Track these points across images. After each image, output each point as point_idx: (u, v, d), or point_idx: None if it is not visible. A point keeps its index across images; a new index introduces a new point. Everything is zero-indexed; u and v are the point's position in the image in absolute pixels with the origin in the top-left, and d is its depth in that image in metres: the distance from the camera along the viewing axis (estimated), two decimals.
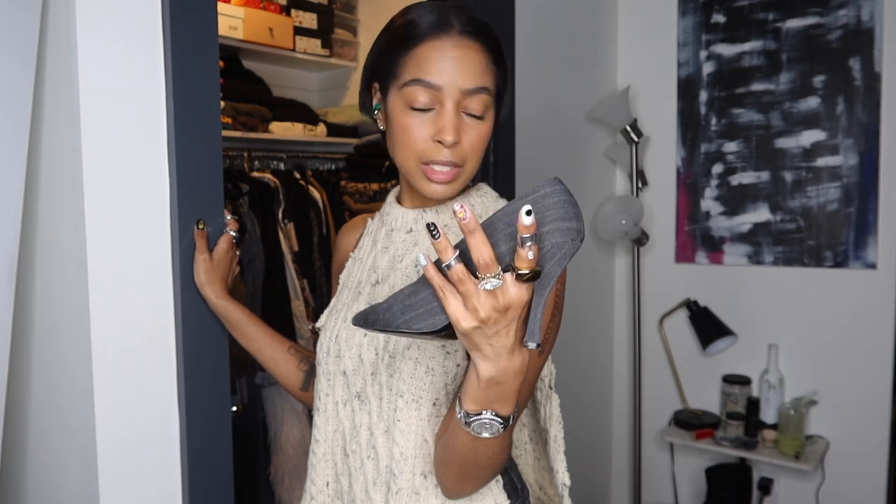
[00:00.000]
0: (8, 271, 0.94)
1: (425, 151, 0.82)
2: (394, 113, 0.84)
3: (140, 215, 0.99)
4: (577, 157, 2.27)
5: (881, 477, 2.12)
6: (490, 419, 0.68)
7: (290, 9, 2.57)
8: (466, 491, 0.81)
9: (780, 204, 2.23)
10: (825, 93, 2.13)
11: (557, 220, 0.63)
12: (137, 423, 0.99)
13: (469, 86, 0.81)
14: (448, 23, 0.81)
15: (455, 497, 0.82)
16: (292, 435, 2.06)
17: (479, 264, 0.60)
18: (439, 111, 0.81)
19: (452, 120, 0.80)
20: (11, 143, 0.91)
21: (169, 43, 0.99)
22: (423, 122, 0.82)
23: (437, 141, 0.81)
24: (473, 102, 0.82)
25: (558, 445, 0.96)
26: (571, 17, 2.20)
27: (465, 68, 0.80)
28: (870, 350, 2.11)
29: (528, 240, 0.59)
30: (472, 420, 0.69)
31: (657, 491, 2.53)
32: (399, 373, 0.85)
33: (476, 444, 0.72)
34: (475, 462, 0.75)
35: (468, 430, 0.70)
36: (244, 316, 1.07)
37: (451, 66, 0.80)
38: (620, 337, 2.59)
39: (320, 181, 2.35)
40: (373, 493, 0.88)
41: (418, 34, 0.82)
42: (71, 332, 0.97)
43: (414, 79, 0.81)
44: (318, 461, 0.95)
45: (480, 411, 0.68)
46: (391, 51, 0.85)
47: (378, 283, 0.92)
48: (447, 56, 0.80)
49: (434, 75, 0.80)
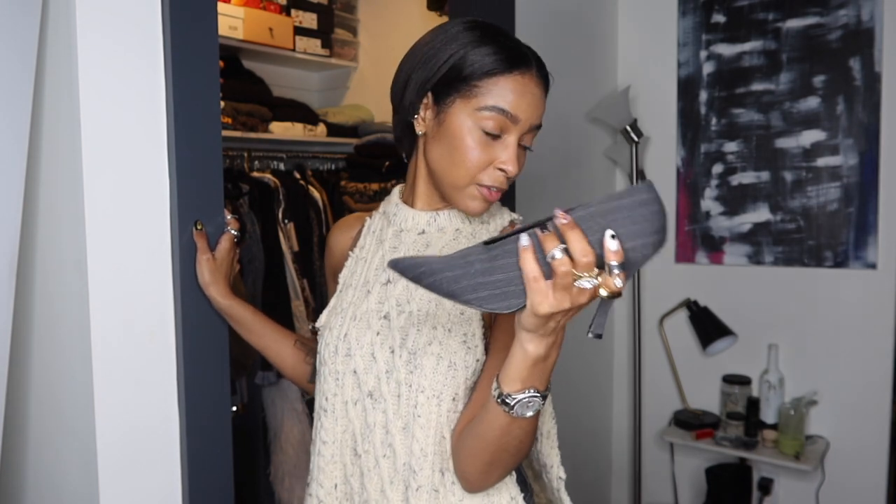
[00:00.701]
0: (8, 271, 0.94)
1: (484, 176, 0.86)
2: (458, 129, 0.86)
3: (140, 215, 0.99)
4: (577, 157, 2.27)
5: (881, 477, 2.12)
6: (531, 397, 0.72)
7: (290, 9, 2.57)
8: (491, 481, 0.82)
9: (780, 204, 2.23)
10: (825, 93, 2.13)
11: (652, 234, 0.64)
12: (137, 422, 0.99)
13: (537, 122, 0.87)
14: (529, 60, 0.86)
15: (477, 489, 0.84)
16: (292, 435, 2.06)
17: (581, 263, 0.63)
18: (505, 140, 0.86)
19: (518, 153, 0.86)
20: (11, 143, 0.91)
21: (169, 43, 0.99)
22: (489, 146, 0.85)
23: (499, 169, 0.86)
24: (530, 136, 0.88)
25: (552, 441, 0.96)
26: (571, 18, 2.20)
27: (537, 106, 0.87)
28: (870, 350, 2.11)
29: (616, 268, 0.63)
30: (515, 401, 0.72)
31: (657, 491, 2.53)
32: (420, 369, 0.85)
33: (511, 428, 0.74)
34: (506, 447, 0.77)
35: (509, 412, 0.72)
36: (249, 313, 1.08)
37: (531, 103, 0.85)
38: (620, 337, 2.59)
39: (320, 181, 2.35)
40: (389, 492, 0.88)
41: (505, 64, 0.85)
42: (71, 332, 0.97)
43: (497, 106, 0.84)
44: (326, 463, 0.94)
45: (523, 390, 0.71)
46: (469, 68, 0.85)
47: (390, 283, 0.92)
48: (529, 93, 0.85)
49: (517, 110, 0.84)
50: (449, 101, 0.86)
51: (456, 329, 0.86)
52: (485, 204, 0.88)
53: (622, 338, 2.59)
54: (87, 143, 0.92)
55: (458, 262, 0.69)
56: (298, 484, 2.04)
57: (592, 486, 2.52)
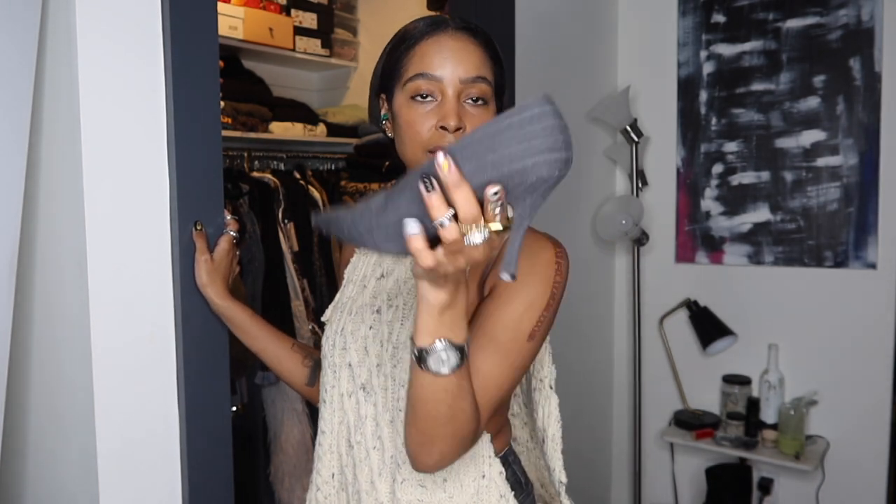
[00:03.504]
0: (8, 271, 0.93)
1: (431, 140, 0.83)
2: (399, 111, 0.86)
3: (140, 215, 0.98)
4: (577, 157, 2.25)
5: (881, 477, 2.12)
6: (444, 348, 0.68)
7: (290, 9, 2.57)
8: (433, 457, 0.76)
9: (780, 204, 2.23)
10: (825, 93, 2.13)
11: (546, 152, 0.58)
12: (137, 423, 0.99)
13: (468, 75, 0.83)
14: (444, 21, 0.86)
15: (422, 467, 0.78)
16: (292, 435, 2.06)
17: (468, 219, 0.59)
18: (441, 101, 0.83)
19: (454, 106, 0.83)
20: (11, 144, 0.91)
21: (169, 43, 0.99)
22: (426, 113, 0.83)
23: (441, 127, 0.82)
24: (473, 90, 0.84)
25: (556, 444, 0.96)
26: (571, 18, 2.20)
27: (463, 59, 0.84)
28: (870, 350, 2.11)
29: (497, 207, 0.59)
30: (428, 355, 0.69)
31: (657, 491, 2.53)
32: (403, 363, 0.86)
33: (435, 390, 0.71)
34: (435, 415, 0.72)
35: (426, 370, 0.69)
36: (246, 316, 1.08)
37: (450, 56, 0.83)
38: (620, 337, 2.59)
39: (320, 181, 2.35)
40: (378, 483, 0.89)
41: (416, 34, 0.86)
42: (71, 332, 0.97)
43: (416, 73, 0.84)
44: (325, 452, 0.97)
45: (434, 342, 0.68)
46: (393, 56, 0.88)
47: (383, 277, 0.94)
48: (445, 48, 0.84)
49: (435, 68, 0.83)
50: (394, 95, 0.88)
51: None
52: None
53: (622, 338, 2.59)
54: (87, 143, 0.92)
55: (360, 207, 0.66)
56: (298, 484, 2.04)
57: (592, 486, 2.52)
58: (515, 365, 0.81)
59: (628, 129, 2.29)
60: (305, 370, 1.10)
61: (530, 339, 0.82)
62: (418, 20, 0.89)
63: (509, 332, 0.80)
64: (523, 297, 0.82)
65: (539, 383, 0.97)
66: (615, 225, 2.26)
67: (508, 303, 0.82)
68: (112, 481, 0.96)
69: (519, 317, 0.81)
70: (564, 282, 0.86)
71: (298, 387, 1.12)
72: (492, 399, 0.79)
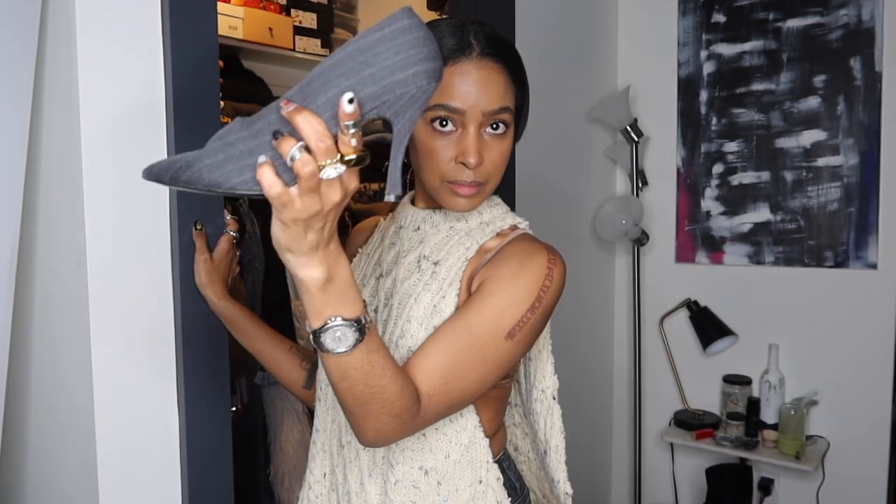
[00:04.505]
0: (8, 270, 0.93)
1: (449, 172, 0.83)
2: (418, 135, 0.84)
3: (140, 215, 0.98)
4: (577, 157, 2.27)
5: (882, 477, 2.11)
6: (339, 326, 0.65)
7: (290, 8, 2.57)
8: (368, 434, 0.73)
9: (780, 204, 2.23)
10: (826, 93, 2.13)
11: (424, 61, 0.57)
12: (137, 423, 0.99)
13: (491, 108, 0.82)
14: (469, 45, 0.82)
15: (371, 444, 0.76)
16: (292, 435, 2.06)
17: (320, 150, 0.56)
18: (462, 133, 0.82)
19: (474, 142, 0.82)
20: (11, 143, 0.91)
21: (169, 43, 0.99)
22: (447, 144, 0.83)
23: (460, 162, 0.82)
24: (495, 122, 0.83)
25: (559, 456, 0.96)
26: (571, 18, 2.20)
27: (486, 91, 0.81)
28: (870, 350, 2.11)
29: (352, 126, 0.56)
30: (322, 335, 0.65)
31: (657, 491, 2.53)
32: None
33: (344, 370, 0.68)
34: (354, 395, 0.70)
35: (327, 353, 0.67)
36: (245, 316, 1.07)
37: (474, 89, 0.81)
38: (620, 337, 2.59)
39: None
40: (368, 484, 0.88)
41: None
42: (71, 332, 0.97)
43: (438, 103, 0.81)
44: (318, 451, 0.97)
45: (325, 322, 0.65)
46: None
47: (382, 276, 0.94)
48: (469, 80, 0.81)
49: (457, 99, 0.81)
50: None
51: (427, 322, 0.85)
52: (462, 199, 0.84)
53: (622, 338, 2.59)
54: (87, 142, 0.92)
55: (217, 144, 0.61)
56: (298, 484, 2.03)
57: (592, 486, 2.52)
58: (488, 358, 0.79)
59: (628, 129, 2.29)
60: (302, 373, 1.10)
61: (509, 338, 0.80)
62: (441, 31, 0.83)
63: (487, 325, 0.79)
64: (507, 293, 0.81)
65: (541, 394, 0.96)
66: (615, 225, 2.26)
67: (491, 296, 0.81)
68: (112, 481, 0.96)
69: (500, 312, 0.80)
70: (556, 289, 0.84)
71: (295, 389, 1.11)
72: (454, 386, 0.77)
